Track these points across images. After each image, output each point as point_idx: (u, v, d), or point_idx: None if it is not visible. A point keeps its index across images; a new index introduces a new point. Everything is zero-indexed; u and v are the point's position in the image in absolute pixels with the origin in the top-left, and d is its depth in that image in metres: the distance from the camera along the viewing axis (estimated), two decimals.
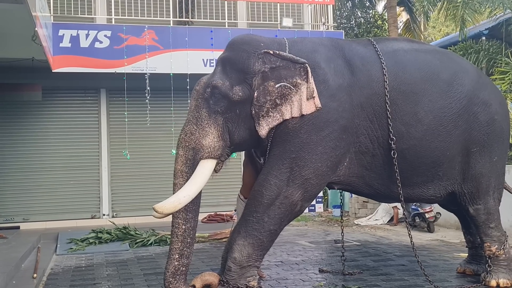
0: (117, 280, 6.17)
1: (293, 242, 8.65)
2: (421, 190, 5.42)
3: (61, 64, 10.38)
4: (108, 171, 11.87)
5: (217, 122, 4.93)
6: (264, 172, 4.97)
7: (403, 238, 8.78)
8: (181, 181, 4.89)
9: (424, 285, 5.43)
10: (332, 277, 6.00)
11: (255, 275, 4.89)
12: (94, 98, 12.00)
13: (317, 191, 5.07)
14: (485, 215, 5.41)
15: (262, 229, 4.81)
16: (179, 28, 11.21)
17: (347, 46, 5.34)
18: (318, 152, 4.86)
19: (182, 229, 4.87)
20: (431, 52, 5.60)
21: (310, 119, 4.84)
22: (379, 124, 5.07)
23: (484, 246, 5.45)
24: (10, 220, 11.06)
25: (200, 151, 4.89)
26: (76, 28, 10.57)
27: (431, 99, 5.18)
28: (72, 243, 8.82)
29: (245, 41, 5.11)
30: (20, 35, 8.64)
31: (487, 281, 5.38)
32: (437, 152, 5.21)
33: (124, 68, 10.55)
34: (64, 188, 11.61)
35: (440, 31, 25.99)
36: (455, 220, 8.03)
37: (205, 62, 11.03)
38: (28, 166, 11.44)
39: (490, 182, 5.43)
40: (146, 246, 8.65)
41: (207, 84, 5.01)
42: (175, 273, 4.85)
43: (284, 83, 4.84)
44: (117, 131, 11.78)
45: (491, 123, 5.39)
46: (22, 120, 11.44)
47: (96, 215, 11.77)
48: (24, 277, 6.32)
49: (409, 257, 6.93)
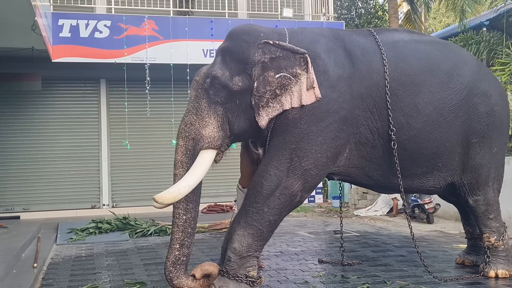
0: (117, 270, 6.19)
1: (292, 233, 8.67)
2: (421, 181, 5.43)
3: (61, 54, 10.38)
4: (108, 161, 11.89)
5: (217, 113, 4.92)
6: (264, 162, 4.96)
7: (403, 229, 8.81)
8: (181, 171, 4.89)
9: (423, 276, 5.45)
10: (331, 268, 6.02)
11: (254, 265, 4.90)
12: (94, 88, 12.00)
13: (317, 181, 5.07)
14: (485, 206, 5.42)
15: (262, 219, 4.82)
16: (179, 18, 11.19)
17: (348, 36, 5.32)
18: (318, 143, 4.85)
19: (182, 219, 4.87)
20: (431, 43, 5.59)
21: (310, 110, 4.83)
22: (379, 115, 5.06)
23: (483, 237, 5.46)
24: (11, 210, 11.11)
25: (200, 141, 4.89)
26: (76, 17, 10.56)
27: (431, 90, 5.17)
28: (72, 233, 8.85)
29: (245, 31, 5.09)
30: (20, 25, 8.62)
31: (486, 272, 5.40)
32: (437, 143, 5.21)
33: (124, 58, 10.55)
34: (64, 178, 11.64)
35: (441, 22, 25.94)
36: (454, 211, 8.06)
37: (205, 53, 11.03)
38: (28, 156, 11.47)
39: (490, 173, 5.43)
40: (146, 236, 8.68)
41: (207, 74, 5.00)
42: (175, 262, 4.86)
43: (284, 73, 4.82)
44: (117, 122, 11.79)
45: (491, 114, 5.39)
46: (21, 110, 11.44)
47: (96, 205, 11.81)
48: (25, 267, 6.35)
49: (408, 248, 6.95)
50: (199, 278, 4.90)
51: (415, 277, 5.47)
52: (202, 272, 4.89)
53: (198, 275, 4.88)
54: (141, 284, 5.39)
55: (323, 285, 5.25)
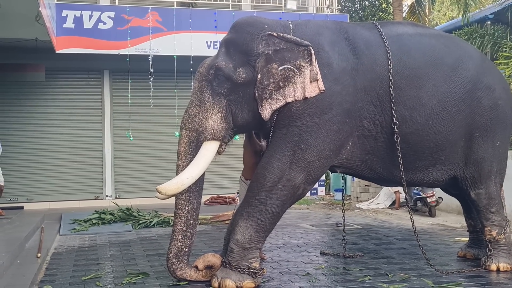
0: (120, 261, 6.23)
1: (295, 225, 8.70)
2: (423, 174, 5.43)
3: (65, 45, 10.38)
4: (111, 152, 11.91)
5: (221, 104, 4.93)
6: (267, 155, 4.97)
7: (405, 222, 8.82)
8: (184, 162, 4.91)
9: (425, 269, 5.46)
10: (333, 260, 6.04)
11: (257, 257, 4.92)
12: (97, 79, 12.00)
13: (320, 174, 5.08)
14: (487, 199, 5.42)
15: (265, 211, 4.83)
16: (183, 10, 11.17)
17: (352, 29, 5.31)
18: (321, 135, 4.85)
19: (185, 210, 4.90)
20: (435, 36, 5.57)
21: (313, 102, 4.83)
22: (383, 108, 5.06)
23: (485, 230, 5.47)
24: (14, 200, 11.14)
25: (203, 133, 4.90)
26: (80, 9, 10.55)
27: (435, 84, 5.17)
28: (76, 223, 8.88)
29: (249, 23, 5.08)
30: (24, 16, 8.63)
31: (487, 265, 5.41)
32: (440, 137, 5.21)
33: (127, 50, 10.54)
34: (68, 169, 11.67)
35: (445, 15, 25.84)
36: (456, 205, 8.07)
37: (208, 44, 11.01)
38: (32, 147, 11.50)
39: (492, 167, 5.43)
40: (148, 227, 8.72)
41: (211, 66, 5.00)
42: (178, 253, 4.89)
43: (288, 65, 4.82)
44: (120, 113, 11.79)
45: (495, 108, 5.38)
46: (25, 100, 11.46)
47: (99, 196, 11.84)
48: (28, 257, 6.38)
49: (410, 240, 6.97)
50: (202, 269, 4.92)
51: (416, 269, 5.48)
52: (204, 263, 4.92)
53: (201, 266, 4.91)
54: (144, 275, 5.41)
55: (325, 277, 5.27)
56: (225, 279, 4.78)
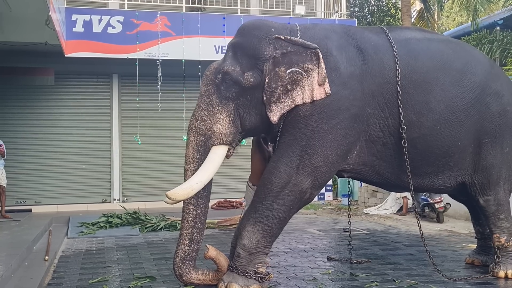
0: (127, 264, 6.23)
1: (302, 230, 8.68)
2: (431, 180, 5.40)
3: (74, 49, 10.45)
4: (119, 156, 11.95)
5: (228, 108, 4.92)
6: (274, 159, 4.97)
7: (412, 227, 8.78)
8: (192, 167, 4.91)
9: (432, 275, 5.43)
10: (340, 265, 6.03)
11: (264, 262, 4.91)
12: (106, 83, 12.06)
13: (327, 179, 5.06)
14: (495, 206, 5.39)
15: (271, 216, 4.82)
16: (191, 15, 11.22)
17: (359, 33, 5.29)
18: (329, 140, 4.84)
19: (193, 215, 4.90)
20: (444, 41, 5.56)
21: (321, 107, 4.82)
22: (390, 113, 5.04)
23: (493, 237, 5.42)
24: (22, 203, 11.20)
25: (212, 137, 4.90)
26: (89, 13, 10.62)
27: (443, 89, 5.14)
28: (83, 226, 8.91)
29: (256, 26, 5.08)
30: (34, 20, 8.70)
31: (496, 272, 5.38)
32: (448, 142, 5.18)
33: (136, 54, 10.60)
34: (76, 172, 11.72)
35: (454, 21, 25.76)
36: (464, 211, 8.02)
37: (217, 49, 11.05)
38: (40, 150, 11.56)
39: (501, 173, 5.40)
40: (156, 231, 8.73)
41: (218, 70, 5.00)
42: (184, 258, 4.89)
43: (295, 68, 4.81)
44: (128, 117, 11.84)
45: (503, 114, 5.35)
46: (34, 104, 11.53)
47: (107, 199, 11.88)
48: (36, 259, 6.41)
49: (418, 246, 6.93)
50: (210, 256, 4.85)
51: (424, 276, 5.46)
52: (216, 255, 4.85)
53: (212, 254, 4.84)
54: (150, 278, 5.42)
55: (331, 283, 5.25)
56: (232, 283, 4.77)
